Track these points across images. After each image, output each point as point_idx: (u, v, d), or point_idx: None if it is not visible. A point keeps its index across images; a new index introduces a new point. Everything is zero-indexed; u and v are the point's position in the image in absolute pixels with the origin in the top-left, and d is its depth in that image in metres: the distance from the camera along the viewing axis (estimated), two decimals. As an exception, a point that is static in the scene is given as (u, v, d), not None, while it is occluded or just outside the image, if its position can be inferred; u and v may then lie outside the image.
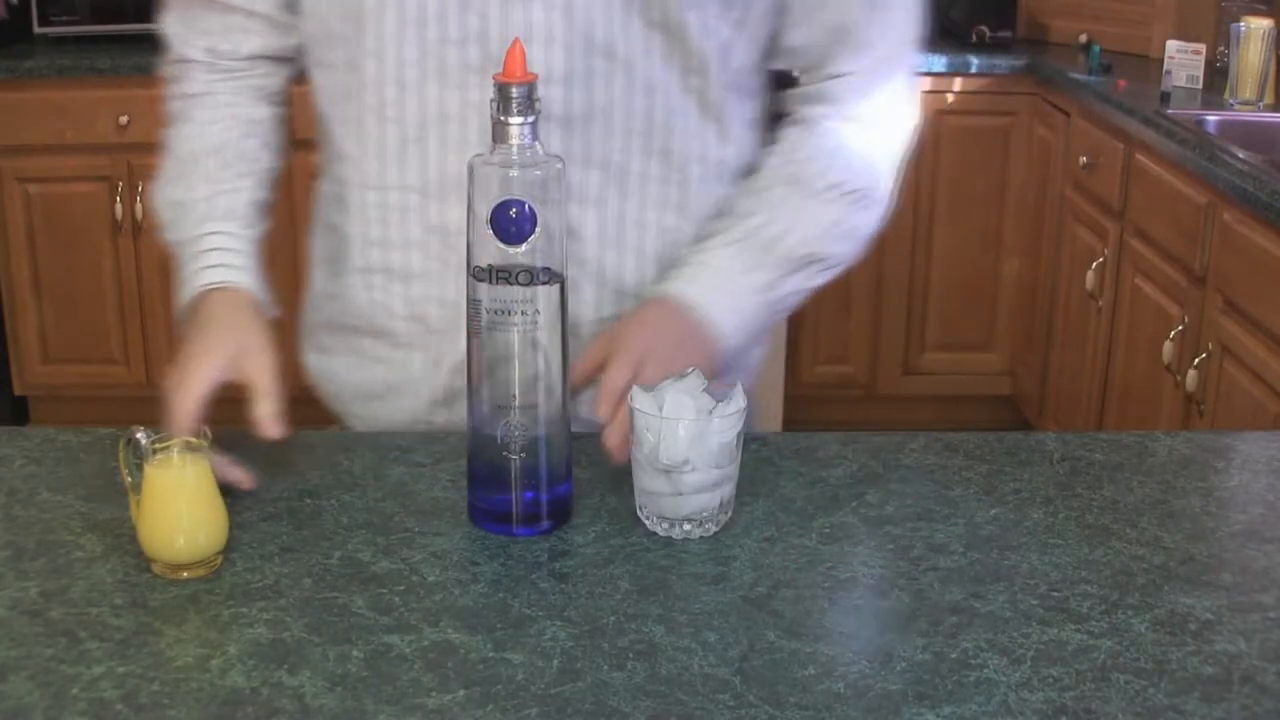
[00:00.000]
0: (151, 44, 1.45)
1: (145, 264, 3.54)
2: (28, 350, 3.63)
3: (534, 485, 1.07)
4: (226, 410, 1.14)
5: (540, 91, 1.16)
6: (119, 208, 3.49)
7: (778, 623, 0.95)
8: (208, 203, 1.29)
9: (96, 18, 3.59)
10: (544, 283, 1.04)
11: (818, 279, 1.30)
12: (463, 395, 1.26)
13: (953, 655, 0.92)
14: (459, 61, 1.20)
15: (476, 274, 1.04)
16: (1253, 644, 0.93)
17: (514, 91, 1.02)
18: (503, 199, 1.02)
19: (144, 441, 1.03)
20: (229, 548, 1.04)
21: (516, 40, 1.04)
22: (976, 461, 1.21)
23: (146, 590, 0.99)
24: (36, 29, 3.59)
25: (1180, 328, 2.63)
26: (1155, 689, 0.88)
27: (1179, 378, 2.62)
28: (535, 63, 1.18)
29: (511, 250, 1.03)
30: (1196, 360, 2.54)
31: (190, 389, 1.12)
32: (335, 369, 1.36)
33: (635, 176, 1.25)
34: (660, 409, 1.06)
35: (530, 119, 1.03)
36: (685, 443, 1.04)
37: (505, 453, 1.06)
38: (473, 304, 1.06)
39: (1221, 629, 0.95)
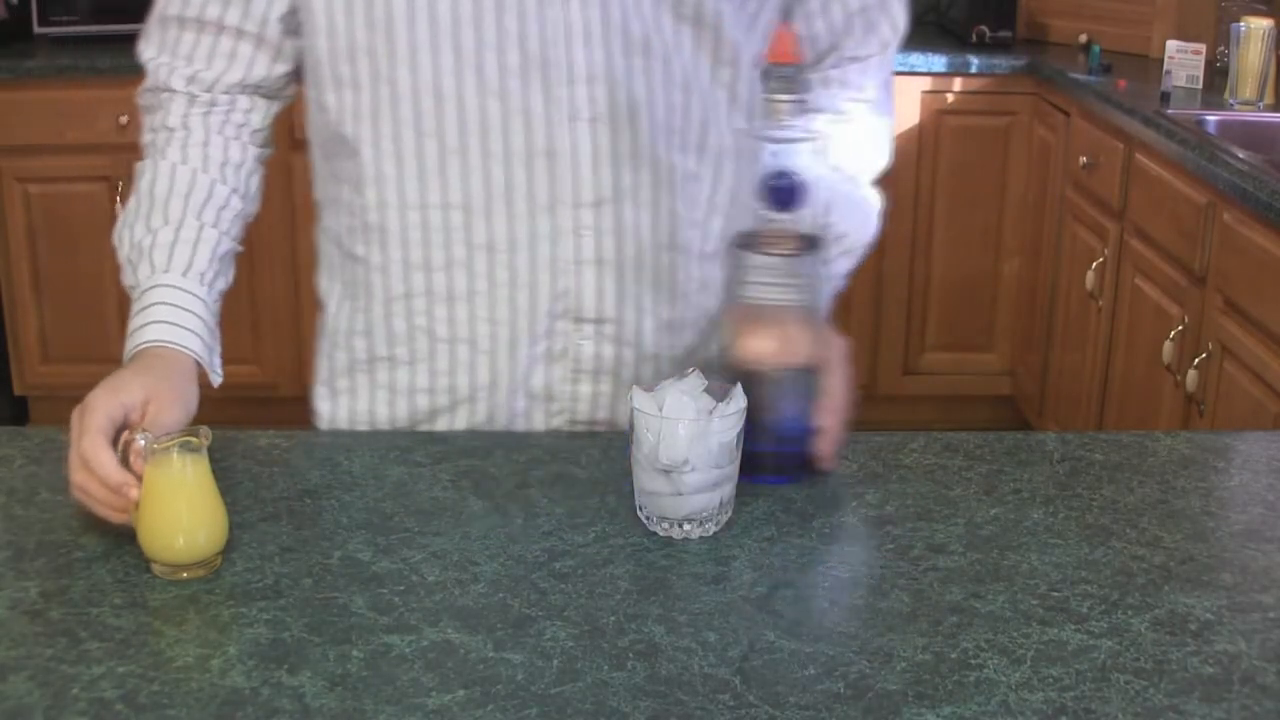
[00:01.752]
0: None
1: (145, 264, 3.54)
2: (28, 350, 3.63)
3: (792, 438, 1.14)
4: (230, 410, 1.14)
5: (585, 92, 1.16)
6: (119, 208, 3.48)
7: (778, 623, 0.95)
8: (166, 250, 1.20)
9: (96, 18, 3.59)
10: (810, 250, 1.13)
11: (857, 260, 1.37)
12: (522, 414, 1.27)
13: (953, 655, 0.92)
14: (498, 66, 1.17)
15: (741, 242, 1.14)
16: (1253, 644, 0.93)
17: (784, 71, 1.10)
18: (776, 169, 1.10)
19: (143, 444, 1.02)
20: (229, 547, 1.04)
21: (784, 24, 1.08)
22: (976, 461, 1.21)
23: (146, 590, 0.99)
24: (36, 29, 3.59)
25: (1180, 328, 2.63)
26: (1155, 689, 0.88)
27: (1179, 378, 2.62)
28: (576, 62, 1.17)
29: (780, 218, 1.11)
30: (1196, 360, 2.54)
31: (96, 415, 1.05)
32: (360, 409, 1.31)
33: (681, 174, 1.24)
34: (660, 409, 1.06)
35: (799, 96, 1.10)
36: (685, 443, 1.04)
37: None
38: (738, 269, 1.13)
39: (1221, 629, 0.95)
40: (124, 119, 3.41)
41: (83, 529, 1.07)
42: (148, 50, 1.27)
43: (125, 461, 1.03)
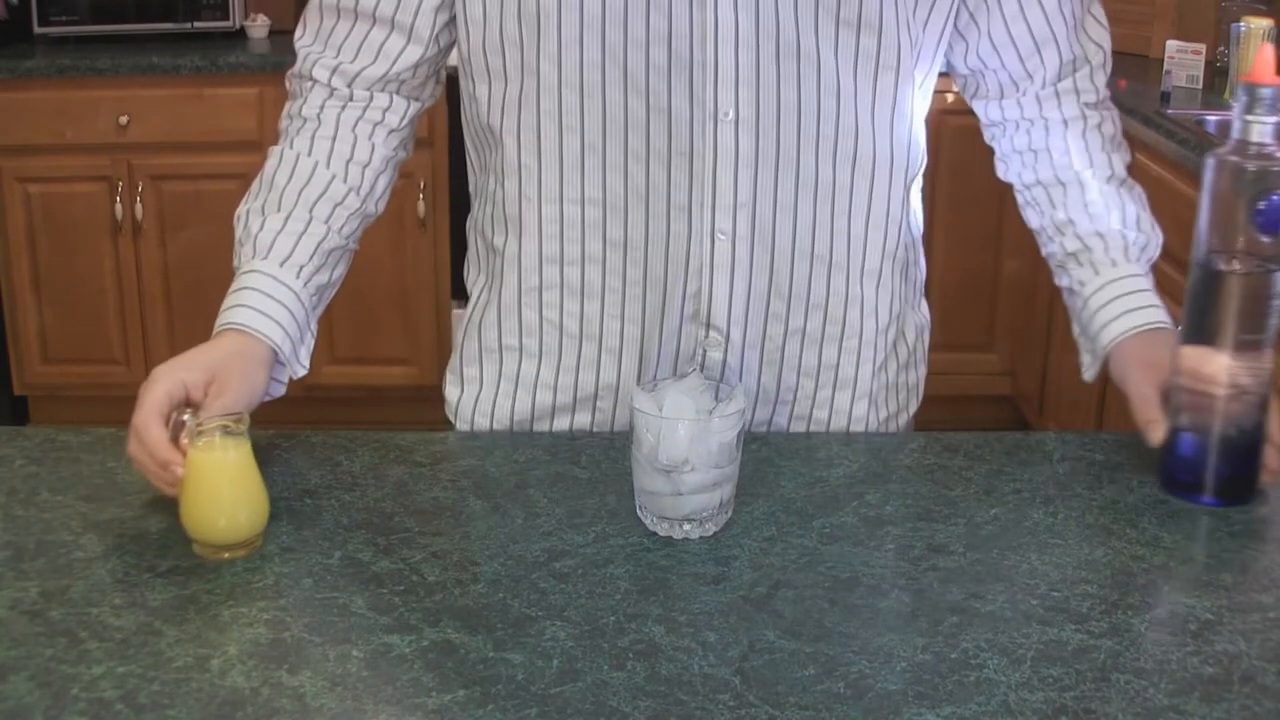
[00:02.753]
0: (152, 44, 1.43)
1: (145, 264, 3.54)
2: (28, 350, 3.63)
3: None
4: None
5: (729, 94, 1.15)
6: (119, 208, 3.48)
7: (778, 623, 0.95)
8: (270, 238, 1.21)
9: (96, 18, 3.59)
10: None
11: None
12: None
13: (953, 655, 0.92)
14: (643, 64, 1.16)
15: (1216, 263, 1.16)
16: (1253, 644, 0.93)
17: (1263, 93, 1.07)
18: (1262, 192, 1.09)
19: (188, 423, 1.04)
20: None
21: (1265, 45, 1.06)
22: (976, 461, 1.21)
23: (146, 590, 0.99)
24: (36, 29, 3.59)
25: (1180, 328, 2.63)
26: (1155, 689, 0.88)
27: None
28: (724, 64, 1.15)
29: (1268, 240, 1.11)
30: (1196, 360, 2.54)
31: (155, 388, 1.08)
32: (482, 397, 1.31)
33: (826, 183, 1.21)
34: (660, 409, 1.06)
35: (1276, 120, 1.08)
36: (685, 443, 1.04)
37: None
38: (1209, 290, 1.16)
39: (1221, 629, 0.95)
40: (124, 119, 3.41)
41: (83, 529, 1.07)
42: (302, 37, 1.29)
43: (176, 439, 1.06)
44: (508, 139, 1.23)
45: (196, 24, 3.59)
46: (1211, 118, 2.89)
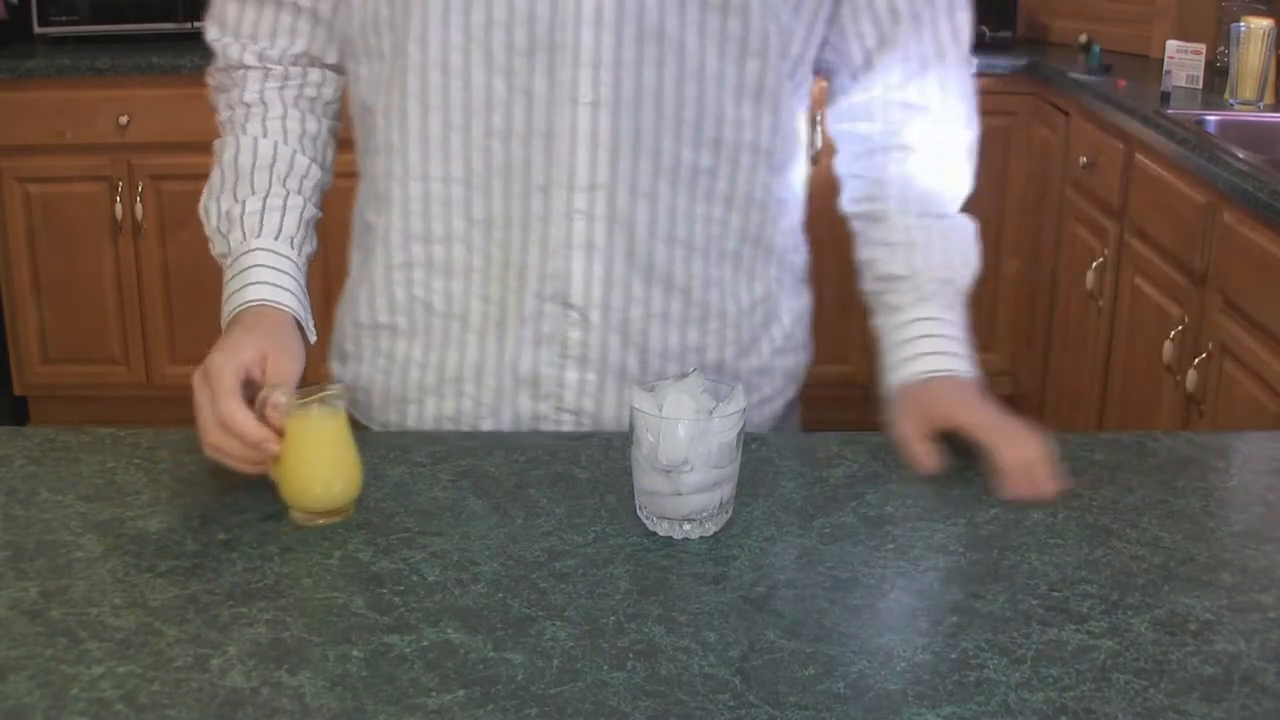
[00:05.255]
0: (152, 44, 1.44)
1: (145, 264, 3.54)
2: (28, 350, 3.63)
3: None
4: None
5: (589, 76, 1.16)
6: (119, 208, 3.49)
7: (778, 623, 0.95)
8: (257, 217, 1.26)
9: (96, 18, 3.59)
10: None
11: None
12: (510, 398, 1.27)
13: (953, 655, 0.92)
14: (505, 45, 1.18)
15: None
16: (1253, 644, 0.93)
17: None
18: None
19: (284, 400, 1.08)
20: (230, 547, 1.04)
21: None
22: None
23: (146, 590, 0.99)
24: (36, 29, 3.59)
25: (1180, 328, 2.63)
26: (1155, 689, 0.88)
27: (1179, 378, 2.62)
28: (584, 45, 1.17)
29: None
30: (1196, 360, 2.54)
31: (224, 377, 1.10)
32: (363, 374, 1.34)
33: (686, 167, 1.23)
34: (660, 409, 1.06)
35: None
36: (685, 443, 1.04)
37: None
38: None
39: (1221, 629, 0.95)
40: (124, 119, 3.41)
41: (83, 529, 1.07)
42: (211, 31, 1.33)
43: (261, 418, 1.08)
44: (379, 118, 1.26)
45: (196, 24, 3.56)
46: (1211, 118, 2.89)
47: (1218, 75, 3.16)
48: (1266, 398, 2.31)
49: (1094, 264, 3.06)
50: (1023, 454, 1.16)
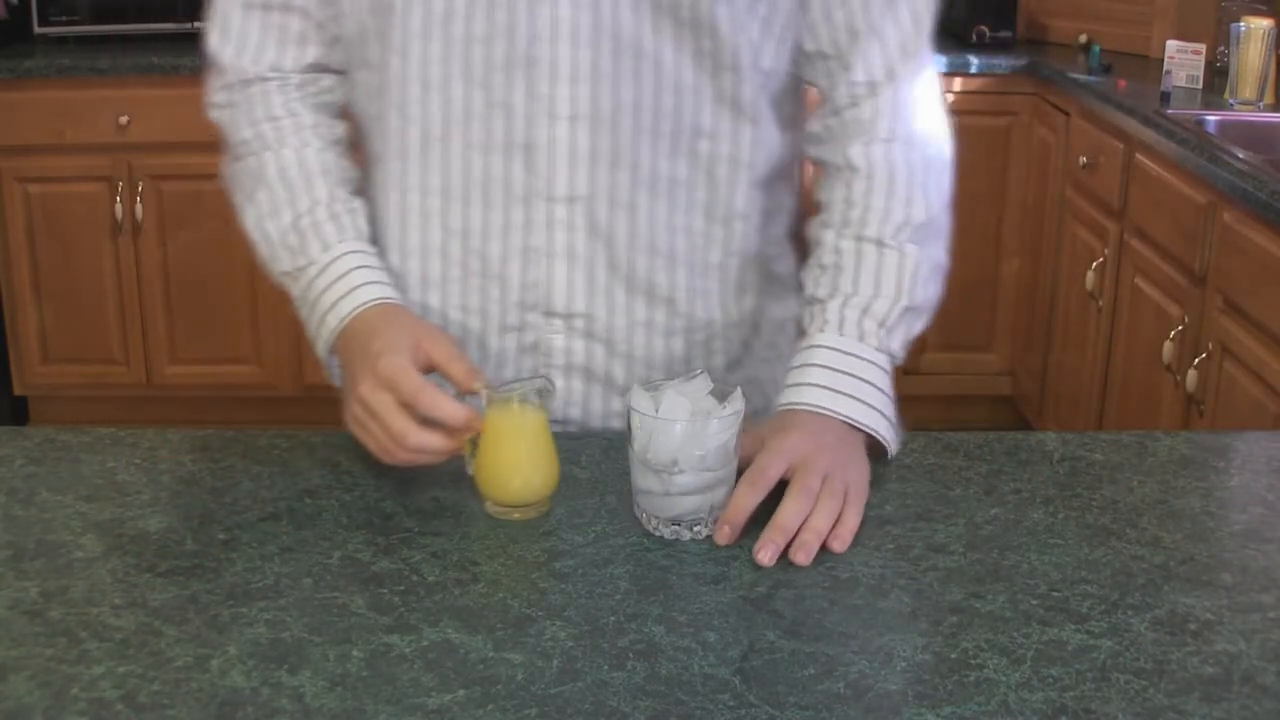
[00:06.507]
0: (152, 44, 1.44)
1: (145, 264, 3.54)
2: (28, 350, 3.63)
3: None
4: (230, 410, 1.14)
5: (567, 91, 1.16)
6: (119, 208, 3.49)
7: (778, 623, 0.95)
8: (333, 224, 1.24)
9: (96, 18, 3.59)
10: None
11: (917, 326, 1.24)
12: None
13: (953, 655, 0.92)
14: (484, 59, 1.18)
15: None
16: (1253, 644, 0.93)
17: None
18: None
19: (487, 392, 1.09)
20: (230, 547, 1.04)
21: None
22: (976, 461, 1.21)
23: (146, 590, 0.99)
24: (36, 29, 3.59)
25: (1180, 328, 2.63)
26: (1155, 689, 0.88)
27: (1179, 378, 2.62)
28: (561, 60, 1.17)
29: None
30: (1196, 360, 2.54)
31: (410, 374, 1.09)
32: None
33: (664, 179, 1.22)
34: (657, 409, 1.06)
35: None
36: (675, 443, 1.04)
37: None
38: None
39: (1221, 629, 0.95)
40: (124, 119, 3.41)
41: (83, 529, 1.07)
42: (217, 46, 1.30)
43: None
44: (367, 126, 1.28)
45: (196, 24, 3.57)
46: (1211, 118, 2.89)
47: (1218, 75, 3.16)
48: (1266, 398, 2.31)
49: (1094, 264, 3.06)
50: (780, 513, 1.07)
